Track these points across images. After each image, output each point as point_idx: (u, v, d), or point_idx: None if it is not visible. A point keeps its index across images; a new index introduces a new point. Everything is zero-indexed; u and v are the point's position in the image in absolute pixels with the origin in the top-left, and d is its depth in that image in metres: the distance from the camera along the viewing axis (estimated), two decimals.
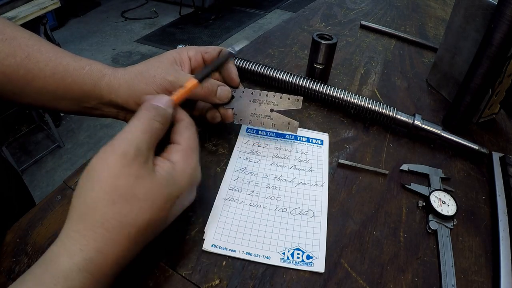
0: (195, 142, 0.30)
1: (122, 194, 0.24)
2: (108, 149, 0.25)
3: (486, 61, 0.42)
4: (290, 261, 0.32)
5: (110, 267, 0.24)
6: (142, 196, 0.24)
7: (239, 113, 0.40)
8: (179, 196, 0.27)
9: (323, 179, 0.40)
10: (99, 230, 0.23)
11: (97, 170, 0.24)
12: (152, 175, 0.25)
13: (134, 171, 0.24)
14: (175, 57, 0.38)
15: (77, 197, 0.25)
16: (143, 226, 0.25)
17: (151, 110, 0.28)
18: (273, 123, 0.40)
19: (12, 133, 1.89)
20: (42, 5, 1.54)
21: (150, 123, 0.27)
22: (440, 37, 0.74)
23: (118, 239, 0.24)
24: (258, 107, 0.40)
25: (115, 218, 0.24)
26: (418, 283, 0.31)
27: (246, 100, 0.40)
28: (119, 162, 0.24)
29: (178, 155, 0.28)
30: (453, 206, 0.37)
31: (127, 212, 0.24)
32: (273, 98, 0.40)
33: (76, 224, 0.24)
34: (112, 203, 0.24)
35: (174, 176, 0.27)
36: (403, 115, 0.46)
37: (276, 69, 0.52)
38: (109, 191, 0.24)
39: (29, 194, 0.56)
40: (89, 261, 0.23)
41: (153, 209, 0.25)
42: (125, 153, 0.24)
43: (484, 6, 0.45)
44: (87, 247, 0.23)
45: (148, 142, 0.26)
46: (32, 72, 0.36)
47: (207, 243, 0.32)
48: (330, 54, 0.52)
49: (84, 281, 0.23)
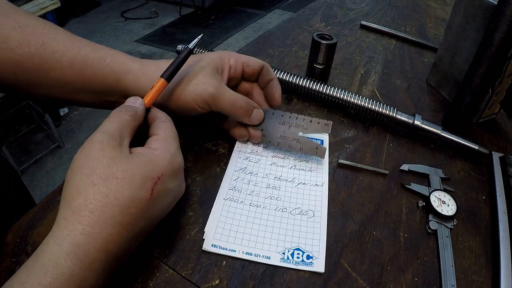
0: (173, 132, 0.31)
1: (101, 175, 0.25)
2: (86, 141, 0.27)
3: (486, 61, 0.42)
4: (290, 261, 0.32)
5: (98, 250, 0.24)
6: (119, 174, 0.25)
7: (268, 134, 0.40)
8: (159, 177, 0.27)
9: (323, 179, 0.40)
10: (83, 213, 0.24)
11: (78, 159, 0.26)
12: (128, 157, 0.27)
13: (109, 152, 0.26)
14: (217, 64, 0.37)
15: (64, 188, 0.26)
16: (125, 204, 0.25)
17: (120, 107, 0.30)
18: (301, 147, 0.40)
19: (12, 133, 1.90)
20: (42, 5, 1.54)
21: (118, 115, 0.29)
22: (440, 37, 0.74)
23: (103, 219, 0.24)
24: (287, 130, 0.40)
25: (96, 199, 0.24)
26: (418, 283, 0.31)
27: (276, 122, 0.40)
28: (95, 149, 0.26)
29: (157, 143, 0.30)
30: (453, 206, 0.37)
31: (107, 191, 0.25)
32: (303, 122, 0.40)
33: (64, 212, 0.25)
34: (93, 185, 0.25)
35: (151, 158, 0.28)
36: (403, 115, 0.46)
37: (276, 69, 0.52)
38: (89, 174, 0.25)
39: (28, 194, 0.56)
40: (76, 246, 0.23)
41: (132, 186, 0.26)
42: (99, 140, 0.26)
43: (484, 6, 0.45)
44: (74, 232, 0.24)
45: (120, 130, 0.28)
46: (47, 63, 0.35)
47: (207, 243, 0.32)
48: (330, 54, 0.52)
49: (73, 267, 0.23)
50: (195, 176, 0.39)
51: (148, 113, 0.33)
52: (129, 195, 0.25)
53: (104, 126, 0.28)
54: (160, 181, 0.27)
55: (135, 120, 0.30)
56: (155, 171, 0.27)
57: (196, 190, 0.37)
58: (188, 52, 0.34)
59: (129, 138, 0.29)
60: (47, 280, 0.22)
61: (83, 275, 0.23)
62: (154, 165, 0.27)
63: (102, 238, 0.24)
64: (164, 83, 0.33)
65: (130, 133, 0.29)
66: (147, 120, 0.32)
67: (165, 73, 0.33)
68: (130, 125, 0.29)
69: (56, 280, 0.22)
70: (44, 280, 0.22)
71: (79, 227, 0.24)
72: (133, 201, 0.25)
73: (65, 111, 2.16)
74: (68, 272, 0.23)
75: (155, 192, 0.27)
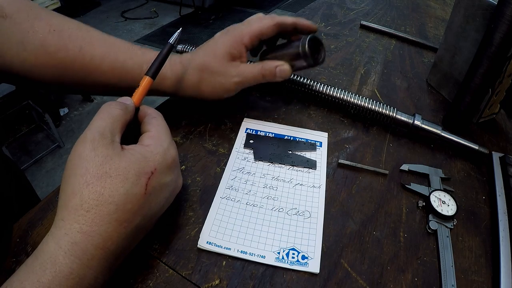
0: (164, 127, 0.32)
1: (95, 174, 0.25)
2: (78, 141, 0.27)
3: (486, 61, 0.42)
4: (285, 260, 0.32)
5: (96, 248, 0.24)
6: (113, 172, 0.25)
7: (259, 152, 0.42)
8: (153, 172, 0.27)
9: (321, 181, 0.40)
10: (80, 212, 0.24)
11: (71, 160, 0.26)
12: (120, 154, 0.27)
13: (101, 152, 0.26)
14: (231, 52, 0.40)
15: (60, 190, 0.26)
16: (120, 201, 0.25)
17: (109, 102, 0.30)
18: (293, 161, 0.41)
19: (12, 133, 1.89)
20: (42, 5, 1.54)
21: (108, 110, 0.29)
22: (440, 37, 0.74)
23: (99, 217, 0.24)
24: (277, 148, 0.43)
25: (91, 197, 0.24)
26: (418, 283, 0.31)
27: (266, 143, 0.43)
28: (87, 148, 0.26)
29: (149, 140, 0.30)
30: (453, 206, 0.37)
31: (101, 190, 0.25)
32: (290, 143, 0.43)
33: (61, 213, 0.25)
34: (87, 184, 0.25)
35: (144, 154, 0.28)
36: (403, 115, 0.46)
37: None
38: (82, 174, 0.25)
39: (32, 190, 0.56)
40: (74, 245, 0.23)
41: (126, 183, 0.26)
42: (91, 140, 0.26)
43: (484, 6, 0.45)
44: (71, 231, 0.24)
45: (110, 127, 0.28)
46: (88, 67, 0.37)
47: (202, 240, 0.32)
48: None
49: (71, 265, 0.23)
50: (195, 176, 0.39)
51: (138, 112, 0.33)
52: (124, 192, 0.25)
53: (95, 123, 0.28)
54: (154, 176, 0.28)
55: (126, 114, 0.30)
56: (148, 166, 0.27)
57: (196, 190, 0.37)
58: (170, 47, 0.35)
59: (120, 134, 0.29)
60: (46, 278, 0.22)
61: (82, 272, 0.23)
62: (147, 161, 0.28)
63: (100, 236, 0.24)
64: (150, 80, 0.33)
65: (121, 129, 0.29)
66: (137, 119, 0.33)
67: (150, 70, 0.34)
68: (121, 119, 0.29)
69: (55, 277, 0.22)
70: (43, 278, 0.22)
71: (76, 226, 0.24)
72: (128, 198, 0.26)
73: (65, 111, 2.16)
74: (67, 270, 0.23)
75: (149, 187, 0.27)
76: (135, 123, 0.32)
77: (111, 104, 0.30)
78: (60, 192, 0.26)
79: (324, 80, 0.58)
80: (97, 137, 0.26)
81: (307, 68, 0.42)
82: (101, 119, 0.28)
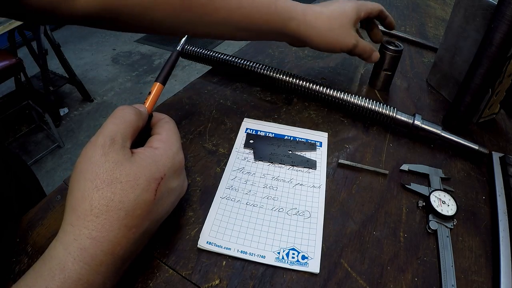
0: (175, 132, 0.32)
1: (105, 180, 0.25)
2: (88, 145, 0.27)
3: (486, 61, 0.42)
4: (285, 260, 0.32)
5: (105, 253, 0.24)
6: (123, 178, 0.25)
7: (258, 153, 0.42)
8: (162, 178, 0.27)
9: (321, 181, 0.40)
10: (89, 217, 0.24)
11: (81, 163, 0.26)
12: (131, 159, 0.27)
13: (111, 157, 0.26)
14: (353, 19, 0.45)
15: (68, 194, 0.26)
16: (130, 207, 0.25)
17: (123, 106, 0.30)
18: (293, 161, 0.42)
19: (12, 133, 1.89)
20: None
21: (122, 115, 0.28)
22: (440, 37, 0.74)
23: (109, 223, 0.24)
24: (277, 148, 0.43)
25: (101, 203, 0.24)
26: (418, 283, 0.31)
27: (265, 144, 0.43)
28: (97, 153, 0.26)
29: (159, 142, 0.30)
30: (453, 206, 0.37)
31: (111, 196, 0.25)
32: (290, 143, 0.44)
33: (69, 217, 0.24)
34: (97, 189, 0.24)
35: (154, 158, 0.28)
36: (403, 115, 0.46)
37: (277, 69, 0.52)
38: (92, 179, 0.25)
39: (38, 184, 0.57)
40: (83, 250, 0.23)
41: (137, 189, 0.25)
42: (102, 144, 0.26)
43: (484, 6, 0.45)
44: (80, 236, 0.23)
45: (122, 132, 0.27)
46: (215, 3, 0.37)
47: (202, 240, 0.32)
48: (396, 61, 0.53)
49: (80, 271, 0.23)
50: (195, 176, 0.39)
51: (151, 118, 0.33)
52: (134, 198, 0.25)
53: (107, 127, 0.27)
54: (163, 181, 0.27)
55: (139, 121, 0.30)
56: (158, 171, 0.27)
57: (196, 190, 0.37)
58: (177, 54, 0.36)
59: (131, 140, 0.29)
60: (55, 284, 0.22)
61: (90, 278, 0.23)
62: (157, 165, 0.27)
63: (109, 242, 0.24)
64: (161, 86, 0.34)
65: (133, 134, 0.29)
66: (149, 126, 0.32)
67: (159, 77, 0.34)
68: (133, 125, 0.29)
69: (64, 283, 0.22)
70: (52, 284, 0.22)
71: (85, 232, 0.24)
72: (138, 204, 0.25)
73: (65, 111, 2.16)
74: (76, 276, 0.23)
75: (158, 193, 0.27)
76: (147, 130, 0.32)
77: (124, 108, 0.29)
78: (68, 195, 0.25)
79: (324, 80, 0.58)
80: (108, 142, 0.26)
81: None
82: (113, 124, 0.28)
